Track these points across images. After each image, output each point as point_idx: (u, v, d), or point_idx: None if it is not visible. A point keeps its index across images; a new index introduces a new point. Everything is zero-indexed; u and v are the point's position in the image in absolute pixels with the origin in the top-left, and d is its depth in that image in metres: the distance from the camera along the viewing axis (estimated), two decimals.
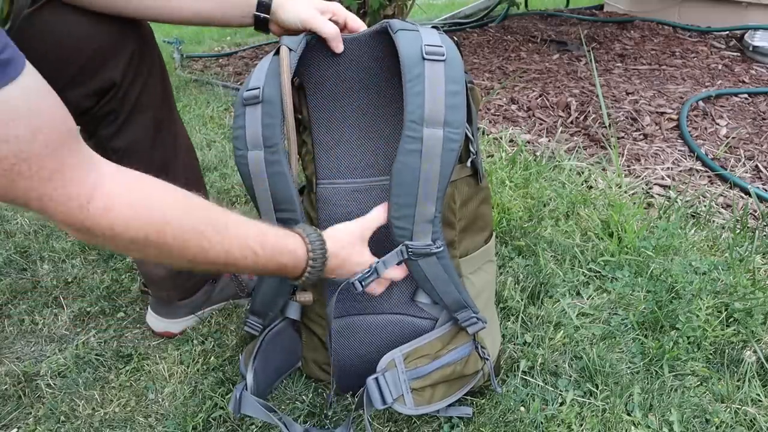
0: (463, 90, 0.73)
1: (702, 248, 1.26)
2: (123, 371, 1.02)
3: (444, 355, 0.83)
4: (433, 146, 0.72)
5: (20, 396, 0.98)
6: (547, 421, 0.86)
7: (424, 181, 0.73)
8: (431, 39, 0.75)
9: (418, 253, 0.77)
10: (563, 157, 1.67)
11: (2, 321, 1.17)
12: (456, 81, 0.73)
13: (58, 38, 0.81)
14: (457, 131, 0.72)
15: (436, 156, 0.72)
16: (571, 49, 2.67)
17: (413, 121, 0.72)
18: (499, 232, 1.33)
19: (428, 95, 0.71)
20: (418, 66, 0.72)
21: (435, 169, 0.73)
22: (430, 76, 0.72)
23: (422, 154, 0.72)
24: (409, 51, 0.73)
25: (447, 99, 0.72)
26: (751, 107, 1.98)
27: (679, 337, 0.99)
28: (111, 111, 0.89)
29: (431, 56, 0.73)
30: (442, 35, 0.77)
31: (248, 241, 0.68)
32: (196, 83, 2.74)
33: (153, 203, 0.60)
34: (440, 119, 0.72)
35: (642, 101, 2.04)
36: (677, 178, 1.59)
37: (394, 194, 0.75)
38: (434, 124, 0.72)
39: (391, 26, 0.76)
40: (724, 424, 0.85)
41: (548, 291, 1.14)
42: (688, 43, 2.65)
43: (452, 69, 0.73)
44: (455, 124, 0.72)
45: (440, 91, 0.72)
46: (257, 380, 0.85)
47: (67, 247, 1.40)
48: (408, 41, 0.74)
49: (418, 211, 0.75)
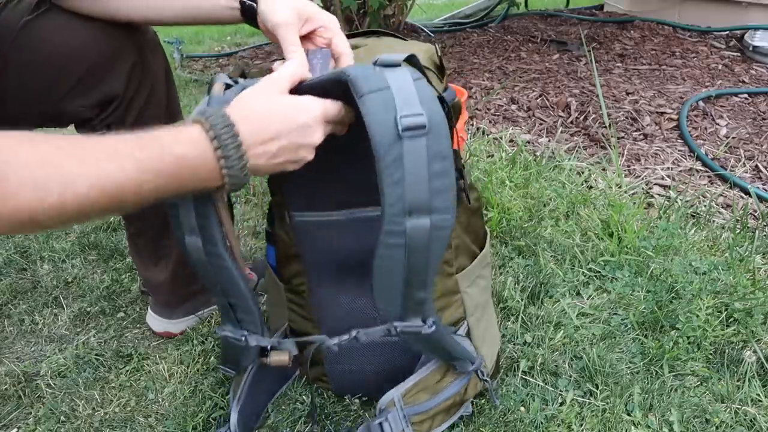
0: (451, 165, 0.62)
1: (702, 248, 1.26)
2: (123, 371, 1.02)
3: (444, 388, 0.81)
4: (420, 238, 0.62)
5: (20, 396, 0.98)
6: (547, 421, 0.86)
7: (411, 272, 0.64)
8: (408, 103, 0.59)
9: (408, 332, 0.70)
10: (563, 157, 1.67)
11: (2, 321, 1.17)
12: (443, 157, 0.60)
13: (56, 48, 0.80)
14: (447, 216, 0.62)
15: (423, 248, 0.62)
16: (571, 49, 2.67)
17: (394, 215, 0.60)
18: (499, 232, 1.33)
19: (409, 182, 0.59)
20: (395, 148, 0.58)
21: (422, 260, 0.63)
22: (411, 158, 0.59)
23: (407, 247, 0.62)
24: (382, 128, 0.58)
25: (432, 182, 0.60)
26: (751, 107, 1.98)
27: (679, 337, 0.99)
28: (114, 123, 0.87)
29: (410, 132, 0.59)
30: (420, 84, 0.62)
31: (118, 146, 0.52)
32: (196, 83, 2.74)
33: None
34: (426, 207, 0.61)
35: (642, 101, 2.04)
36: (677, 178, 1.59)
37: (377, 286, 0.66)
38: (419, 213, 0.61)
39: (354, 85, 0.60)
40: (724, 424, 0.85)
41: (548, 291, 1.14)
42: (688, 43, 2.65)
43: (437, 142, 0.60)
44: (444, 209, 0.62)
45: (423, 174, 0.60)
46: (245, 411, 0.84)
47: (67, 247, 1.40)
48: (378, 113, 0.59)
49: (406, 297, 0.67)
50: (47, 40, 0.79)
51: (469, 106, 2.10)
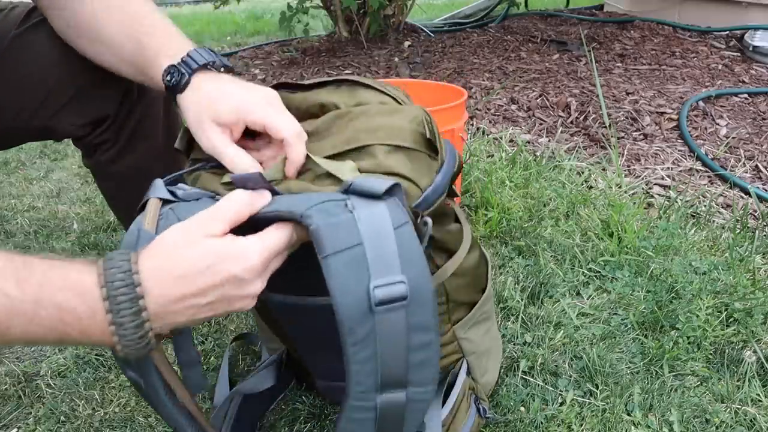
0: (435, 336, 0.52)
1: (702, 248, 1.26)
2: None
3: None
4: (392, 413, 0.53)
5: (20, 396, 0.98)
6: (547, 421, 0.86)
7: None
8: (385, 266, 0.48)
9: None
10: (563, 157, 1.67)
11: None
12: (425, 328, 0.50)
13: (47, 66, 0.76)
14: (426, 389, 0.53)
15: (396, 421, 0.54)
16: (571, 49, 2.67)
17: (362, 392, 0.51)
18: (499, 232, 1.33)
19: (383, 358, 0.50)
20: (365, 323, 0.48)
21: (397, 430, 0.55)
22: (385, 333, 0.49)
23: (378, 421, 0.53)
24: (349, 300, 0.48)
25: (412, 356, 0.51)
26: (751, 107, 1.98)
27: (679, 337, 0.99)
28: (106, 140, 0.85)
29: (385, 305, 0.48)
30: (403, 234, 0.49)
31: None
32: None
33: None
34: (402, 381, 0.52)
35: (642, 101, 2.04)
36: (677, 178, 1.59)
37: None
38: (393, 388, 0.52)
39: (316, 240, 0.48)
40: (724, 424, 0.85)
41: (548, 291, 1.14)
42: (688, 43, 2.65)
43: (419, 312, 0.50)
44: (423, 382, 0.53)
45: (400, 349, 0.50)
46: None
47: (67, 247, 1.40)
48: (346, 281, 0.48)
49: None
50: (37, 56, 0.76)
51: (469, 106, 2.10)
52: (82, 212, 1.59)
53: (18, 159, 2.02)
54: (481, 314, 0.81)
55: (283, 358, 0.90)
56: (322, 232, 0.48)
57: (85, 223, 1.52)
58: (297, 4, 2.90)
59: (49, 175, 1.89)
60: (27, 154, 2.07)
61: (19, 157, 2.03)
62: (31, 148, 2.10)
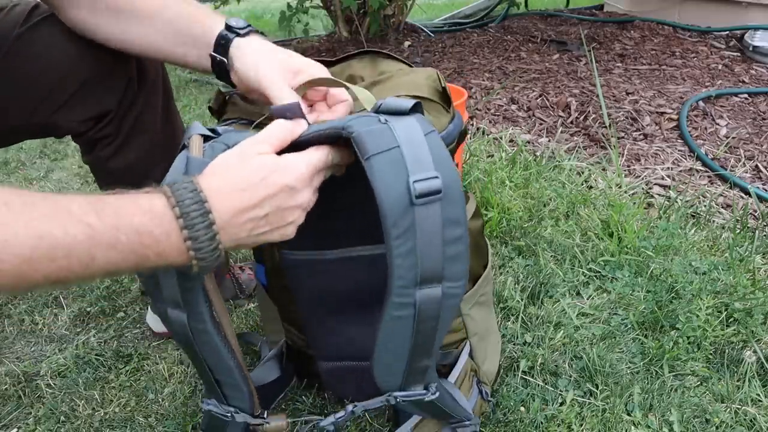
0: (465, 231, 0.56)
1: (702, 248, 1.26)
2: (123, 371, 1.02)
3: None
4: (430, 308, 0.57)
5: (20, 396, 0.98)
6: (547, 421, 0.86)
7: (417, 343, 0.60)
8: (421, 164, 0.53)
9: (409, 401, 0.66)
10: (563, 157, 1.67)
11: (2, 321, 1.17)
12: (457, 222, 0.55)
13: (50, 63, 0.77)
14: (459, 284, 0.57)
15: (432, 318, 0.58)
16: (571, 49, 2.67)
17: (403, 286, 0.55)
18: (499, 232, 1.33)
19: (422, 252, 0.54)
20: (407, 216, 0.52)
21: (431, 330, 0.59)
22: (424, 226, 0.53)
23: (416, 318, 0.57)
24: (392, 195, 0.52)
25: (446, 249, 0.55)
26: (751, 107, 1.98)
27: (679, 337, 0.99)
28: (107, 135, 0.86)
29: (424, 198, 0.52)
30: (432, 139, 0.55)
31: (72, 208, 0.46)
32: (196, 83, 2.74)
33: None
34: (438, 276, 0.56)
35: (642, 101, 2.04)
36: (677, 178, 1.59)
37: (379, 358, 0.61)
38: (430, 283, 0.56)
39: (358, 145, 0.54)
40: (724, 424, 0.85)
41: (548, 291, 1.14)
42: (688, 43, 2.65)
43: (452, 207, 0.54)
44: (456, 277, 0.57)
45: (437, 242, 0.54)
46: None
47: None
48: (388, 178, 0.52)
49: (410, 367, 0.63)
50: (41, 54, 0.77)
51: (469, 106, 2.10)
52: None
53: (18, 159, 2.02)
54: (482, 295, 0.84)
55: (284, 350, 0.90)
56: (363, 137, 0.53)
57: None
58: (297, 4, 2.90)
59: (49, 175, 1.89)
60: (27, 154, 2.07)
61: (19, 157, 2.03)
62: (31, 148, 2.10)
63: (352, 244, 0.69)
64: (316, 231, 0.66)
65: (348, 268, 0.70)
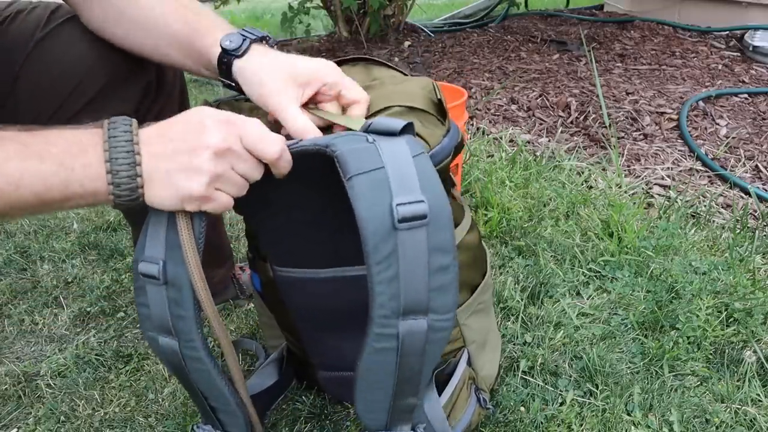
0: (454, 259, 0.53)
1: (702, 248, 1.26)
2: (123, 371, 1.02)
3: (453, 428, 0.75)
4: (414, 342, 0.53)
5: (20, 396, 0.98)
6: (547, 421, 0.86)
7: (402, 379, 0.56)
8: (406, 187, 0.50)
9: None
10: (563, 157, 1.67)
11: (2, 321, 1.17)
12: (445, 250, 0.52)
13: (70, 68, 0.76)
14: (446, 317, 0.54)
15: (417, 352, 0.54)
16: (571, 49, 2.67)
17: (385, 316, 0.52)
18: (499, 232, 1.33)
19: (405, 280, 0.51)
20: (389, 240, 0.50)
21: (416, 366, 0.56)
22: (407, 252, 0.50)
23: (399, 351, 0.54)
24: (373, 217, 0.49)
25: (432, 278, 0.52)
26: (751, 107, 1.98)
27: (679, 337, 0.99)
28: None
29: (408, 222, 0.50)
30: (421, 161, 0.52)
31: (5, 134, 0.50)
32: (196, 83, 2.74)
33: None
34: (423, 307, 0.52)
35: (642, 101, 2.04)
36: (677, 178, 1.59)
37: (361, 393, 0.58)
38: (414, 314, 0.52)
39: (341, 164, 0.51)
40: (724, 424, 0.85)
41: (548, 291, 1.14)
42: (688, 43, 2.65)
43: (439, 233, 0.51)
44: (443, 309, 0.54)
45: (422, 270, 0.51)
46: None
47: (67, 247, 1.40)
48: (369, 199, 0.50)
49: (395, 405, 0.59)
50: (60, 60, 0.76)
51: (469, 106, 2.10)
52: (82, 212, 1.59)
53: None
54: (480, 303, 0.82)
55: (284, 354, 0.90)
56: (346, 156, 0.51)
57: (85, 223, 1.52)
58: (298, 5, 2.90)
59: None
60: None
61: None
62: None
63: (346, 264, 0.67)
64: (310, 249, 0.65)
65: (341, 287, 0.68)
